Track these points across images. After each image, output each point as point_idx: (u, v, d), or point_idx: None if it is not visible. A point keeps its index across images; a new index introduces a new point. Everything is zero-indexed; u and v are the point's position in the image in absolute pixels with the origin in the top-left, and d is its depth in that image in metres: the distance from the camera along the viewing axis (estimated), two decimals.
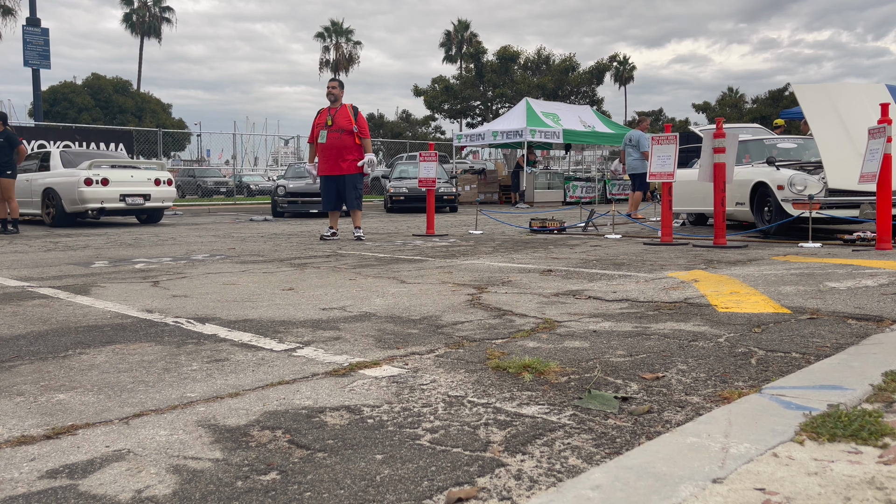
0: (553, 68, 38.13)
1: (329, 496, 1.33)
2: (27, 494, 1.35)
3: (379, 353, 2.48)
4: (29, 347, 2.66)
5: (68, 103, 39.88)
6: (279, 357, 2.45)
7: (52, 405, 1.93)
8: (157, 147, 21.82)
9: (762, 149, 8.67)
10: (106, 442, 1.63)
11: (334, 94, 8.21)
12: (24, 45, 13.94)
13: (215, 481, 1.41)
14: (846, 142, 7.08)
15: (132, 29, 50.83)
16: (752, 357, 2.34)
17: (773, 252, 6.00)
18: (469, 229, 9.96)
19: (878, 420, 1.51)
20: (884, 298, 3.41)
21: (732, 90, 52.75)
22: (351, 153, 8.12)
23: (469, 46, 45.94)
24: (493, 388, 2.03)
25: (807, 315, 3.04)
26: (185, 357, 2.47)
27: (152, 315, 3.32)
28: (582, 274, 4.70)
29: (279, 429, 1.71)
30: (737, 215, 8.36)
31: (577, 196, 19.81)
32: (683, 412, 1.78)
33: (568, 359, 2.35)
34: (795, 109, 13.43)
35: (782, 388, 1.82)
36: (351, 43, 53.50)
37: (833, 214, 7.09)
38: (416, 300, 3.66)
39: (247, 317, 3.24)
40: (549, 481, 1.37)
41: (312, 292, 4.00)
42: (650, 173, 7.23)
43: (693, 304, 3.41)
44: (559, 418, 1.76)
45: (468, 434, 1.65)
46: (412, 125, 48.90)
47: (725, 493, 1.20)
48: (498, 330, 2.86)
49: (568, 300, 3.60)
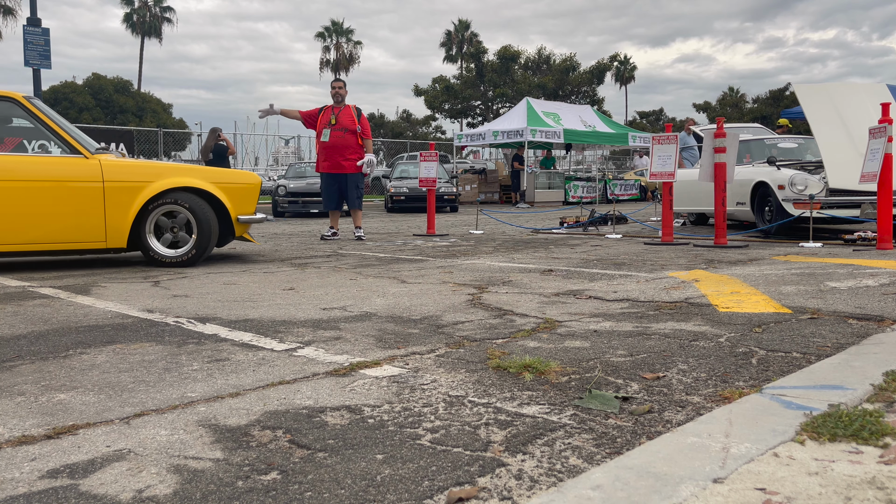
0: (554, 68, 38.14)
1: (330, 496, 1.33)
2: (28, 494, 1.36)
3: (379, 353, 2.48)
4: (30, 347, 2.66)
5: (69, 103, 39.92)
6: (280, 357, 2.45)
7: (52, 405, 1.93)
8: (157, 147, 21.82)
9: (763, 148, 8.67)
10: (107, 442, 1.64)
11: (341, 95, 8.25)
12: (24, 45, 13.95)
13: (216, 481, 1.41)
14: (847, 141, 7.08)
15: (133, 29, 50.85)
16: (753, 357, 2.34)
17: (773, 252, 6.00)
18: (470, 229, 9.96)
19: (879, 420, 1.51)
20: (885, 298, 3.41)
21: (733, 90, 52.75)
22: (353, 153, 8.15)
23: (469, 46, 45.94)
24: (494, 387, 2.03)
25: (808, 315, 3.04)
26: (186, 357, 2.47)
27: (153, 315, 3.32)
28: (583, 274, 4.70)
29: (280, 429, 1.71)
30: (737, 215, 8.36)
31: (578, 196, 19.80)
32: (684, 412, 1.78)
33: (569, 358, 2.35)
34: (796, 109, 13.42)
35: (783, 388, 1.82)
36: (351, 43, 53.49)
37: (834, 214, 7.08)
38: (417, 300, 3.66)
39: (247, 316, 3.24)
40: (549, 481, 1.37)
41: (313, 292, 4.00)
42: (650, 173, 7.23)
43: (694, 303, 3.41)
44: (560, 418, 1.76)
45: (469, 434, 1.65)
46: (413, 125, 48.89)
47: (726, 492, 1.20)
48: (498, 330, 2.86)
49: (569, 300, 3.60)
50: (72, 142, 5.20)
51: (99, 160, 5.22)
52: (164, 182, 5.33)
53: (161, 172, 5.40)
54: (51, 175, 5.07)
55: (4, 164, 5.01)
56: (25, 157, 5.17)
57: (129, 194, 5.25)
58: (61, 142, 5.19)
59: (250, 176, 5.77)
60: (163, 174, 5.39)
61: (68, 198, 5.10)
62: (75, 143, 5.22)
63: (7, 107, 5.18)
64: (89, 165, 5.18)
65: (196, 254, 5.37)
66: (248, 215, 5.65)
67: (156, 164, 5.65)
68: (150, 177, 5.34)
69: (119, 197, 5.23)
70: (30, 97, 5.30)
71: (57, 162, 5.15)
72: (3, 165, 5.00)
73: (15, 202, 4.99)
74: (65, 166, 5.13)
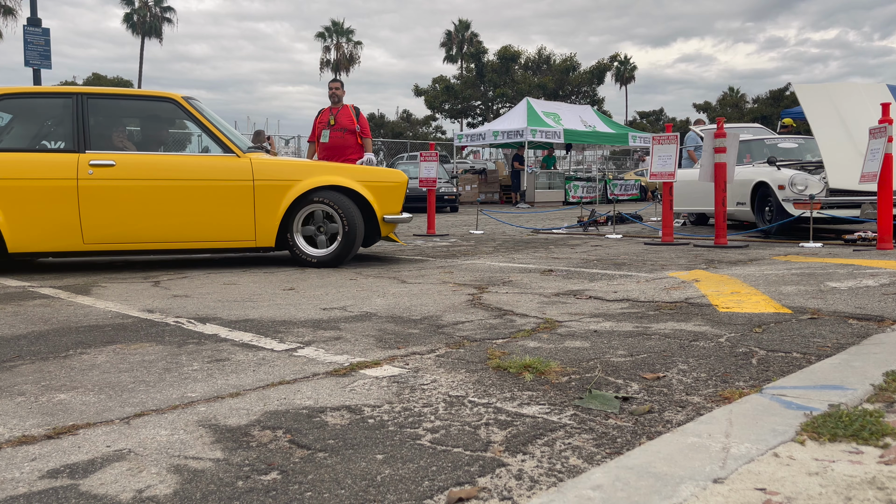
0: (554, 68, 38.14)
1: (330, 496, 1.33)
2: (28, 494, 1.36)
3: (380, 353, 2.48)
4: (30, 347, 2.66)
5: None
6: (280, 357, 2.45)
7: (53, 405, 1.93)
8: None
9: (763, 148, 8.67)
10: (107, 442, 1.64)
11: (338, 95, 8.26)
12: (24, 45, 13.95)
13: (216, 481, 1.41)
14: (847, 142, 7.08)
15: (133, 29, 50.85)
16: (753, 357, 2.34)
17: (773, 252, 6.00)
18: (470, 229, 9.96)
19: (879, 420, 1.51)
20: (885, 298, 3.41)
21: (733, 90, 52.76)
22: (353, 153, 8.16)
23: (470, 46, 45.94)
24: (494, 388, 2.03)
25: (808, 315, 3.04)
26: (186, 357, 2.47)
27: (153, 315, 3.32)
28: (583, 274, 4.70)
29: (280, 429, 1.71)
30: (738, 215, 8.36)
31: (578, 196, 19.80)
32: (684, 412, 1.78)
33: (569, 359, 2.35)
34: (796, 109, 13.42)
35: (783, 388, 1.82)
36: (351, 43, 53.47)
37: (834, 214, 7.08)
38: (417, 300, 3.66)
39: (247, 316, 3.24)
40: (549, 481, 1.37)
41: (313, 292, 4.00)
42: (650, 173, 7.23)
43: (694, 303, 3.41)
44: (560, 418, 1.76)
45: (469, 434, 1.65)
46: (413, 125, 48.90)
47: (726, 493, 1.20)
48: (499, 330, 2.86)
49: (569, 300, 3.60)
50: (226, 141, 5.23)
51: (250, 159, 5.23)
52: (312, 181, 5.26)
53: (308, 171, 5.34)
54: (205, 174, 5.12)
55: (163, 164, 5.09)
56: (182, 157, 5.22)
57: (278, 193, 5.22)
58: (216, 141, 5.23)
59: (397, 174, 5.60)
60: (310, 172, 5.32)
61: (221, 197, 5.14)
62: (229, 142, 5.25)
63: (168, 107, 5.29)
64: (241, 164, 5.19)
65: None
66: (394, 215, 5.49)
67: (303, 163, 5.62)
68: (298, 175, 5.28)
69: (268, 196, 5.21)
70: (188, 97, 5.37)
71: (211, 161, 5.19)
72: (162, 165, 5.08)
73: (172, 201, 5.05)
74: (219, 166, 5.17)
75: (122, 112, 5.55)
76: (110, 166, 4.98)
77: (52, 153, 5.03)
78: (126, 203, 4.99)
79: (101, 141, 5.10)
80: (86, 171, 4.94)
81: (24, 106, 5.23)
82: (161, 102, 5.31)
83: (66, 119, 5.09)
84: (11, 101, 5.14)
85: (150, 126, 5.79)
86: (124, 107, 5.49)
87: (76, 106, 5.08)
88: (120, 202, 4.98)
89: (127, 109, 5.57)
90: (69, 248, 5.00)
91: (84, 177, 4.93)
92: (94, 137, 5.07)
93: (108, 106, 5.28)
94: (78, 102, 5.09)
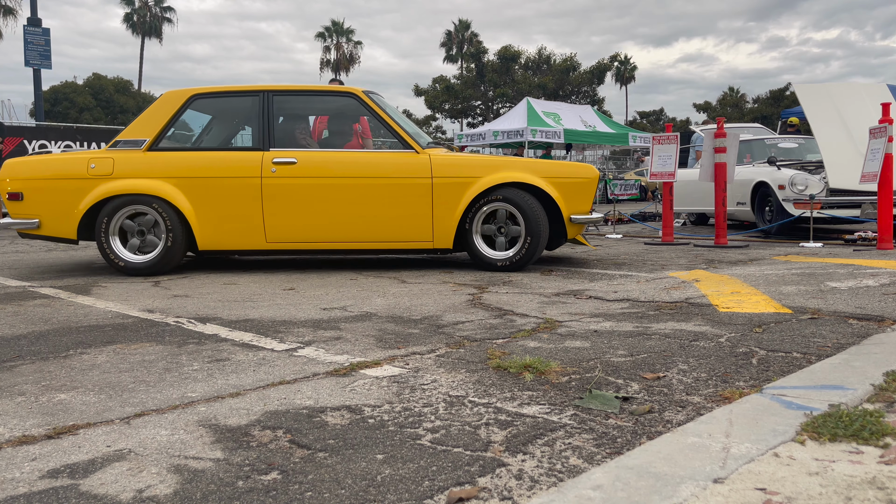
0: (554, 68, 38.14)
1: (330, 496, 1.33)
2: (28, 494, 1.36)
3: (380, 353, 2.48)
4: (30, 347, 2.66)
5: (69, 103, 39.92)
6: (280, 357, 2.45)
7: (53, 405, 1.93)
8: None
9: (763, 148, 8.67)
10: (107, 442, 1.64)
11: None
12: (24, 45, 13.96)
13: (216, 481, 1.41)
14: (847, 141, 7.08)
15: (133, 29, 50.87)
16: (754, 357, 2.34)
17: (774, 252, 6.00)
18: None
19: (880, 420, 1.51)
20: (885, 298, 3.41)
21: (733, 90, 52.77)
22: None
23: (470, 46, 45.95)
24: (494, 387, 2.03)
25: (808, 315, 3.03)
26: (186, 357, 2.47)
27: (153, 315, 3.32)
28: (583, 273, 4.70)
29: (280, 429, 1.71)
30: (738, 215, 8.36)
31: None
32: (684, 412, 1.78)
33: (569, 359, 2.35)
34: (797, 109, 13.43)
35: (783, 388, 1.82)
36: (352, 43, 53.52)
37: (834, 214, 7.09)
38: (417, 300, 3.66)
39: (248, 316, 3.24)
40: (549, 481, 1.38)
41: (313, 292, 4.00)
42: (650, 173, 7.23)
43: (694, 303, 3.41)
44: (560, 418, 1.76)
45: (469, 434, 1.65)
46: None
47: (726, 493, 1.20)
48: (499, 330, 2.86)
49: (569, 300, 3.60)
50: (406, 137, 5.03)
51: (429, 155, 4.97)
52: (492, 178, 4.91)
53: (489, 167, 5.00)
54: (384, 172, 4.91)
55: (342, 161, 4.94)
56: (361, 154, 5.02)
57: (457, 191, 4.90)
58: (396, 137, 5.05)
59: (587, 169, 5.12)
60: (490, 168, 4.98)
61: (400, 195, 4.90)
62: (409, 138, 5.03)
63: (350, 103, 5.15)
64: (420, 161, 4.93)
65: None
66: (582, 214, 5.01)
67: (483, 158, 5.32)
68: (478, 172, 4.94)
69: (447, 194, 4.90)
70: (368, 91, 5.22)
71: (391, 158, 4.97)
72: (341, 162, 4.93)
73: (350, 200, 4.89)
74: (398, 162, 4.94)
75: (305, 108, 5.46)
76: (292, 164, 4.87)
77: (238, 151, 4.98)
78: (306, 201, 4.86)
79: (284, 138, 5.02)
80: (269, 169, 4.85)
81: (214, 106, 5.22)
82: (343, 98, 5.16)
83: (253, 117, 5.02)
84: (203, 101, 5.11)
85: (333, 122, 5.66)
86: (307, 103, 5.38)
87: (262, 103, 5.00)
88: (300, 201, 4.86)
89: (309, 105, 5.47)
90: (253, 247, 4.94)
91: (267, 175, 4.85)
92: (278, 135, 4.99)
93: (291, 102, 5.18)
94: (264, 100, 5.01)
